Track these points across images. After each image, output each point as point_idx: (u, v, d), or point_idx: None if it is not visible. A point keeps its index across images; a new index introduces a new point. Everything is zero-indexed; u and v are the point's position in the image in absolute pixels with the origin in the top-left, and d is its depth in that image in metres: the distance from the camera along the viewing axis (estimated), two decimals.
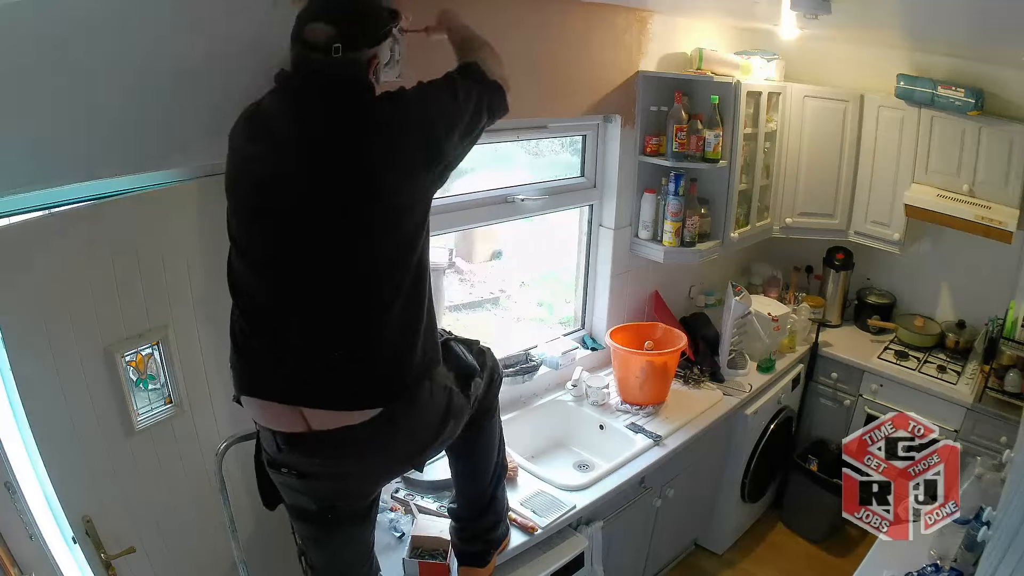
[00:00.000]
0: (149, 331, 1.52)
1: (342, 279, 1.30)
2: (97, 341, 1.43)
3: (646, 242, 2.74)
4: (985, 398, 2.72)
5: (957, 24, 2.05)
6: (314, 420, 1.31)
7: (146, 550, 1.55)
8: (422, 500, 2.01)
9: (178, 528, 1.61)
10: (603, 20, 2.39)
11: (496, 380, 1.71)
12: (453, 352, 1.57)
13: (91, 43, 1.32)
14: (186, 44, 1.43)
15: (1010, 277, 2.91)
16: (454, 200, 2.22)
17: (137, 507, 1.54)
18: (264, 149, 1.31)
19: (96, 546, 1.44)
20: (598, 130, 2.63)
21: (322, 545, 1.53)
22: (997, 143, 2.62)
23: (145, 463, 1.55)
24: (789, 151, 2.99)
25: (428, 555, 1.77)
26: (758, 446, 2.89)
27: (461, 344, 1.62)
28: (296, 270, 1.30)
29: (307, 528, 1.50)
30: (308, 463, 1.36)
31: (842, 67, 3.02)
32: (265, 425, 1.36)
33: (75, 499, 1.43)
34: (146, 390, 1.54)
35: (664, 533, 2.64)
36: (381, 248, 1.30)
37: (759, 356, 2.95)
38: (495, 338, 3.08)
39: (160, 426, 1.56)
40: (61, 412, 1.39)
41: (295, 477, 1.38)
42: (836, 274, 3.35)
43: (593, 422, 2.52)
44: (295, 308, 1.31)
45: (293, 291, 1.31)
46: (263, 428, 1.37)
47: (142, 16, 1.37)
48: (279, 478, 1.42)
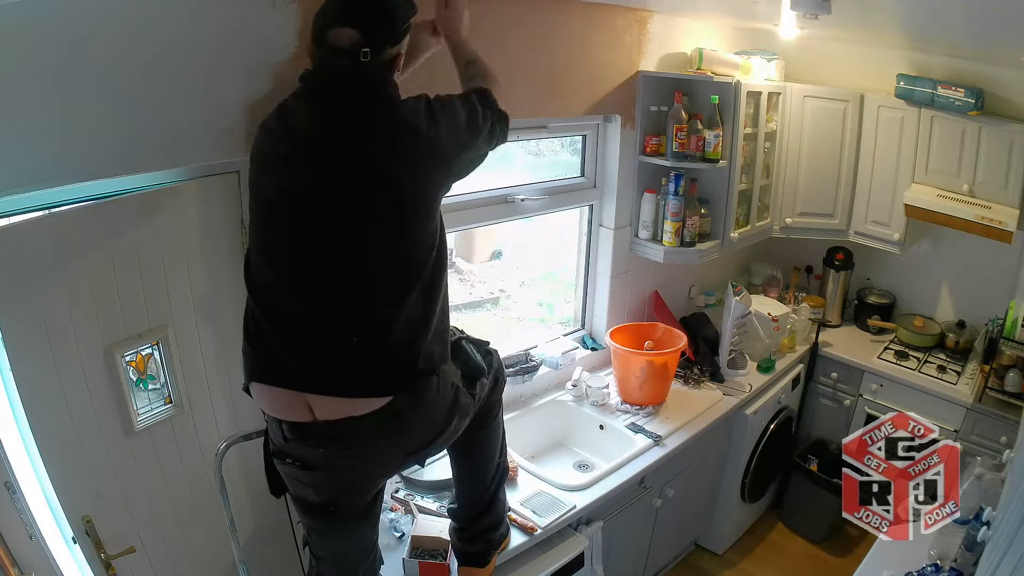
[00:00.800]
0: (149, 331, 1.52)
1: (355, 271, 1.32)
2: (97, 341, 1.43)
3: (646, 242, 2.74)
4: (985, 398, 2.72)
5: (957, 24, 2.05)
6: (319, 409, 1.32)
7: (146, 550, 1.55)
8: (422, 500, 2.01)
9: (178, 528, 1.61)
10: (603, 20, 2.39)
11: (500, 382, 1.73)
12: (463, 351, 1.59)
13: (91, 44, 1.32)
14: (186, 44, 1.43)
15: (1010, 277, 2.91)
16: (454, 200, 2.22)
17: (137, 507, 1.54)
18: (288, 148, 1.33)
19: (96, 546, 1.45)
20: (598, 130, 2.63)
21: (325, 536, 1.54)
22: (997, 143, 2.62)
23: (145, 463, 1.55)
24: (789, 151, 2.99)
25: (428, 555, 1.77)
26: (758, 446, 2.89)
27: (472, 344, 1.64)
28: (310, 261, 1.32)
29: (311, 520, 1.51)
30: (313, 453, 1.37)
31: (842, 67, 3.01)
32: (272, 414, 1.37)
33: (75, 499, 1.44)
34: (146, 390, 1.54)
35: (664, 533, 2.64)
36: (397, 245, 1.33)
37: (759, 356, 2.95)
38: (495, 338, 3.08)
39: (160, 426, 1.56)
40: (61, 412, 1.39)
41: (299, 468, 1.39)
42: (836, 274, 3.35)
43: (593, 422, 2.52)
44: (308, 296, 1.33)
45: (307, 281, 1.33)
46: (270, 418, 1.38)
47: (142, 17, 1.37)
48: (284, 468, 1.43)
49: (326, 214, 1.31)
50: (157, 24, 1.39)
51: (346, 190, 1.30)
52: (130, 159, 1.37)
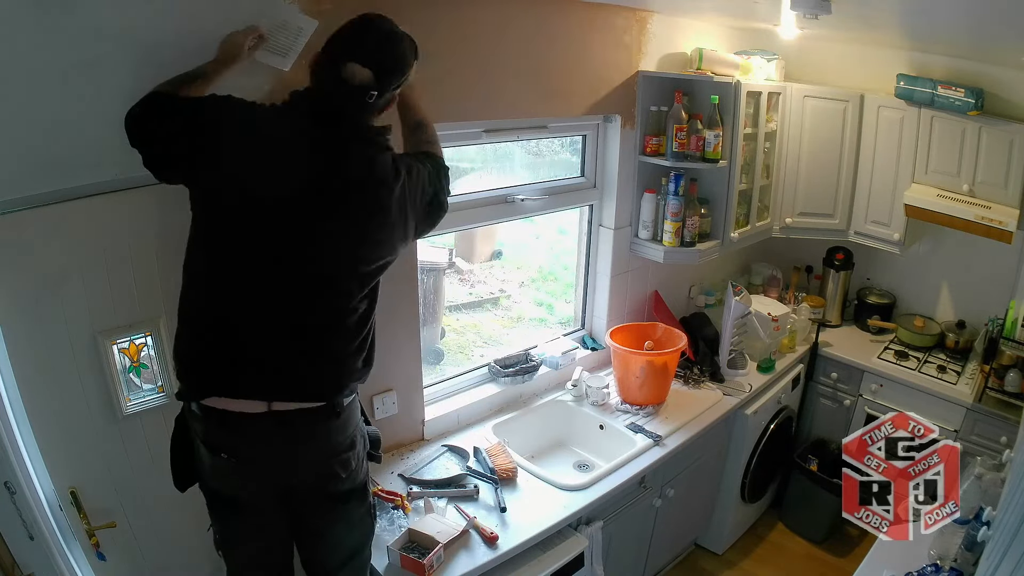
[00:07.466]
0: (140, 322, 1.55)
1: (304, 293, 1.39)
2: (87, 326, 1.47)
3: (646, 242, 2.74)
4: (985, 398, 2.72)
5: (957, 24, 2.06)
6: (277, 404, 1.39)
7: (131, 527, 1.61)
8: (434, 500, 2.00)
9: (164, 510, 1.63)
10: (603, 20, 2.39)
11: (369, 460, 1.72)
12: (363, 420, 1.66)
13: (91, 44, 1.33)
14: (186, 44, 1.43)
15: (1010, 277, 2.91)
16: (454, 200, 2.21)
17: (123, 486, 1.59)
18: (267, 160, 1.35)
19: (80, 515, 1.51)
20: (598, 130, 2.63)
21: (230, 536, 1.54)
22: (997, 143, 2.62)
23: (134, 447, 1.59)
24: (789, 151, 3.00)
25: (418, 550, 1.77)
26: (758, 446, 2.89)
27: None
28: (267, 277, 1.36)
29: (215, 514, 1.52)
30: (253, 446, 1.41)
31: (842, 67, 3.02)
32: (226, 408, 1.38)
33: (62, 471, 1.49)
34: (138, 377, 1.57)
35: (664, 533, 2.64)
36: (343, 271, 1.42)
37: (759, 356, 2.95)
38: (495, 338, 3.09)
39: (151, 413, 1.59)
40: (52, 389, 1.45)
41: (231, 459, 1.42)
42: (836, 274, 3.35)
43: (593, 422, 2.52)
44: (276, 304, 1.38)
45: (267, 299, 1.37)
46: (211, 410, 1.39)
47: (142, 17, 1.38)
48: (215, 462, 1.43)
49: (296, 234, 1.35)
50: (157, 25, 1.40)
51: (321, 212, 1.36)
52: (129, 159, 1.37)
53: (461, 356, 2.93)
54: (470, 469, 2.12)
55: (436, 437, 2.32)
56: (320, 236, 1.37)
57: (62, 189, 1.38)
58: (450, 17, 1.93)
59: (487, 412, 2.46)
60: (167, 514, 1.64)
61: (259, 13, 1.51)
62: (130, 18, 1.37)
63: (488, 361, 2.55)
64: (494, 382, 2.52)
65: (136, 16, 1.38)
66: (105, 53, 1.36)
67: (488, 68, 2.07)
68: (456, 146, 2.22)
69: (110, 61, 1.37)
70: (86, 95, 1.36)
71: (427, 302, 2.68)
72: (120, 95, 1.34)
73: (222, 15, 1.47)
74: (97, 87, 1.36)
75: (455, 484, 2.06)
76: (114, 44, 1.36)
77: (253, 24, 1.49)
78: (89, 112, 1.37)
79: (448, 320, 3.16)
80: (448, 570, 1.75)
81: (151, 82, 1.37)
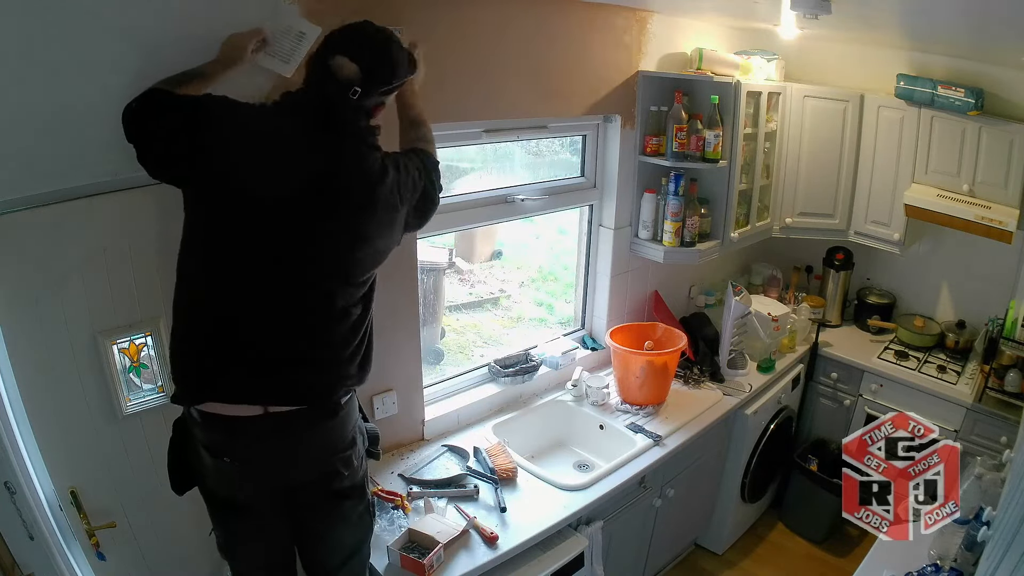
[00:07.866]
0: (140, 322, 1.55)
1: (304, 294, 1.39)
2: (86, 326, 1.47)
3: (646, 242, 2.74)
4: (985, 398, 2.72)
5: (957, 24, 2.05)
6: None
7: (131, 527, 1.60)
8: (434, 500, 2.00)
9: (164, 510, 1.63)
10: (603, 20, 2.39)
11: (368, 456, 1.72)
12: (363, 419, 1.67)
13: (92, 44, 1.33)
14: (185, 44, 1.43)
15: (1010, 277, 2.91)
16: (454, 200, 2.22)
17: (123, 487, 1.59)
18: (267, 160, 1.35)
19: (80, 515, 1.50)
20: (598, 130, 2.63)
21: (232, 539, 1.54)
22: (997, 143, 2.62)
23: (134, 447, 1.59)
24: (789, 151, 3.00)
25: (418, 550, 1.77)
26: (758, 446, 2.89)
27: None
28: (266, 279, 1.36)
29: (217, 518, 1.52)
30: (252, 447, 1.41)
31: (842, 67, 3.02)
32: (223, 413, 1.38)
33: (62, 471, 1.48)
34: (138, 377, 1.57)
35: (664, 533, 2.64)
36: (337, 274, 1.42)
37: (759, 356, 2.95)
38: (495, 338, 3.09)
39: (151, 413, 1.59)
40: (52, 389, 1.45)
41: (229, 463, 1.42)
42: (836, 274, 3.35)
43: (593, 422, 2.52)
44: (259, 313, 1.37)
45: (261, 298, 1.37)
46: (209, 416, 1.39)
47: (142, 17, 1.38)
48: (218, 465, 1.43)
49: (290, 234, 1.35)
50: (157, 26, 1.40)
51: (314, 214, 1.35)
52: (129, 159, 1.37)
53: (461, 356, 2.93)
54: (470, 469, 2.12)
55: (436, 437, 2.32)
56: (320, 236, 1.37)
57: (62, 189, 1.39)
58: (450, 17, 1.93)
59: (487, 412, 2.46)
60: (167, 514, 1.64)
61: (261, 16, 1.51)
62: (130, 18, 1.37)
63: (488, 361, 2.55)
64: (494, 382, 2.52)
65: (136, 16, 1.38)
66: (105, 53, 1.36)
67: (488, 68, 2.08)
68: (456, 146, 2.22)
69: (110, 61, 1.37)
70: (86, 95, 1.36)
71: (427, 302, 2.68)
72: (120, 96, 1.33)
73: (223, 17, 1.47)
74: (97, 87, 1.36)
75: (455, 484, 2.06)
76: (114, 44, 1.36)
77: (257, 27, 1.49)
78: (89, 112, 1.37)
79: (448, 320, 3.16)
80: (448, 570, 1.75)
81: (151, 83, 1.36)
